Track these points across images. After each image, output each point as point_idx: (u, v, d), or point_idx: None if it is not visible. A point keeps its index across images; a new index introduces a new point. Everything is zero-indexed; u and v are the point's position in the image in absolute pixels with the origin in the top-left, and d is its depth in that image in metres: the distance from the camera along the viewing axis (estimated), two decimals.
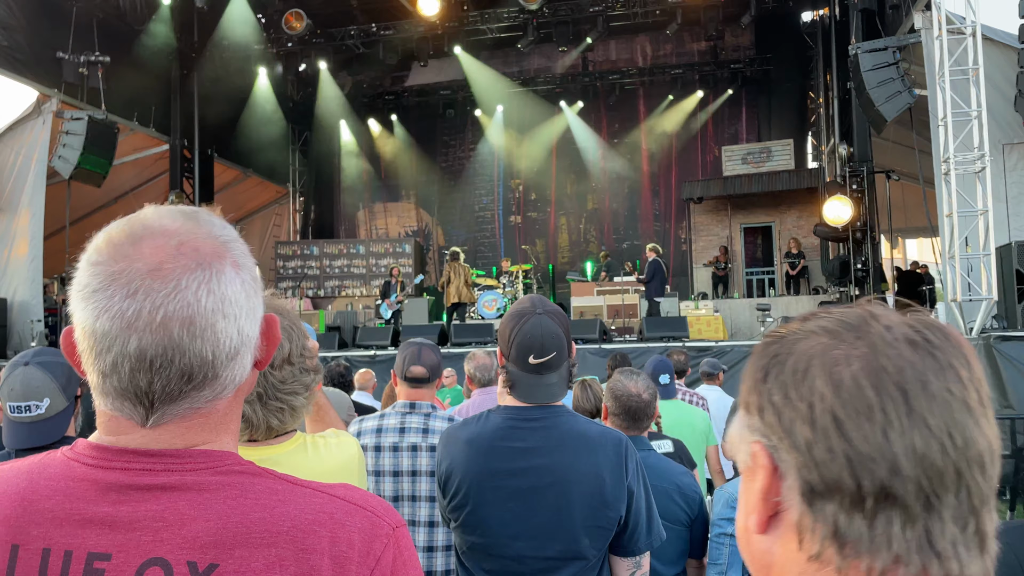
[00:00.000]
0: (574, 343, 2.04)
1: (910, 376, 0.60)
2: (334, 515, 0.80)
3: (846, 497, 0.59)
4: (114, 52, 13.25)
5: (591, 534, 1.86)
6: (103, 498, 0.78)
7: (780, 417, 0.63)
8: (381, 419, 2.76)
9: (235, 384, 0.84)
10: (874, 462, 0.58)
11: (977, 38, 9.46)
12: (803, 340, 0.65)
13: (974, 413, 0.60)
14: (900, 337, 0.62)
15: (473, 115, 20.06)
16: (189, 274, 0.79)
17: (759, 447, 0.65)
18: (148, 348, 0.77)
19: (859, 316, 0.65)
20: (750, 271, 17.43)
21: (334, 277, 19.05)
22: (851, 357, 0.61)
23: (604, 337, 11.93)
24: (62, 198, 13.15)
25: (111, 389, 0.79)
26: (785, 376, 0.64)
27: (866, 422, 0.59)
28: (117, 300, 0.77)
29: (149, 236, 0.81)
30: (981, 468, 0.60)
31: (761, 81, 18.54)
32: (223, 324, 0.80)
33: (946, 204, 9.72)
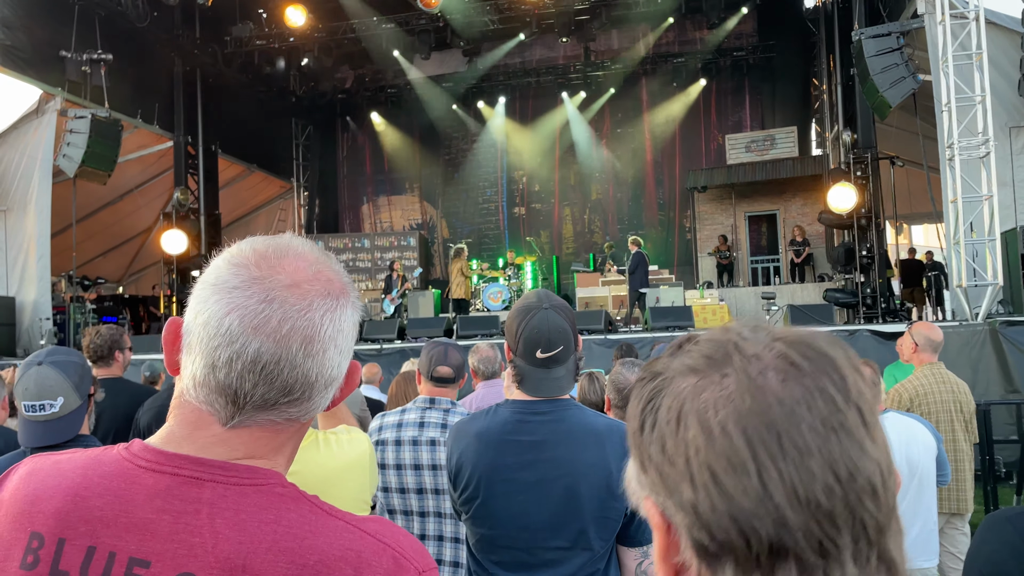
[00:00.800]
0: (580, 336, 2.06)
1: (779, 413, 0.55)
2: (361, 553, 0.81)
3: (740, 556, 0.54)
4: (117, 50, 13.27)
5: (599, 525, 1.89)
6: (149, 503, 0.80)
7: (661, 474, 0.59)
8: (402, 414, 2.81)
9: (318, 411, 0.88)
10: (758, 517, 0.54)
11: (980, 22, 9.42)
12: (673, 380, 0.60)
13: (854, 436, 0.56)
14: (766, 367, 0.57)
15: (475, 107, 20.04)
16: (320, 299, 0.85)
17: (650, 504, 0.61)
18: (265, 353, 0.81)
19: (724, 348, 0.60)
20: (755, 259, 17.42)
21: None
22: (719, 400, 0.57)
23: (609, 328, 11.95)
24: (68, 196, 13.21)
25: (214, 383, 0.82)
26: (660, 427, 0.60)
27: (742, 474, 0.54)
28: (254, 302, 0.82)
29: (292, 256, 0.87)
30: (873, 495, 0.55)
31: (764, 68, 18.46)
32: (333, 353, 0.85)
33: (950, 190, 9.70)
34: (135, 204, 17.15)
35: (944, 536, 4.30)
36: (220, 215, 17.26)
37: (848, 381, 0.57)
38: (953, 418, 4.48)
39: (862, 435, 0.56)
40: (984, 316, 9.13)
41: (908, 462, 3.34)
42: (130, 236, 18.76)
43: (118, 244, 18.62)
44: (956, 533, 4.45)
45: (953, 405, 4.50)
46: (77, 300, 13.84)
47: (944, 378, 4.54)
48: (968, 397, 4.60)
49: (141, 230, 18.71)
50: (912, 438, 3.39)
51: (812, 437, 0.54)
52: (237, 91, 17.53)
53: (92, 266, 17.46)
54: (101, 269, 17.98)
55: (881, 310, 12.34)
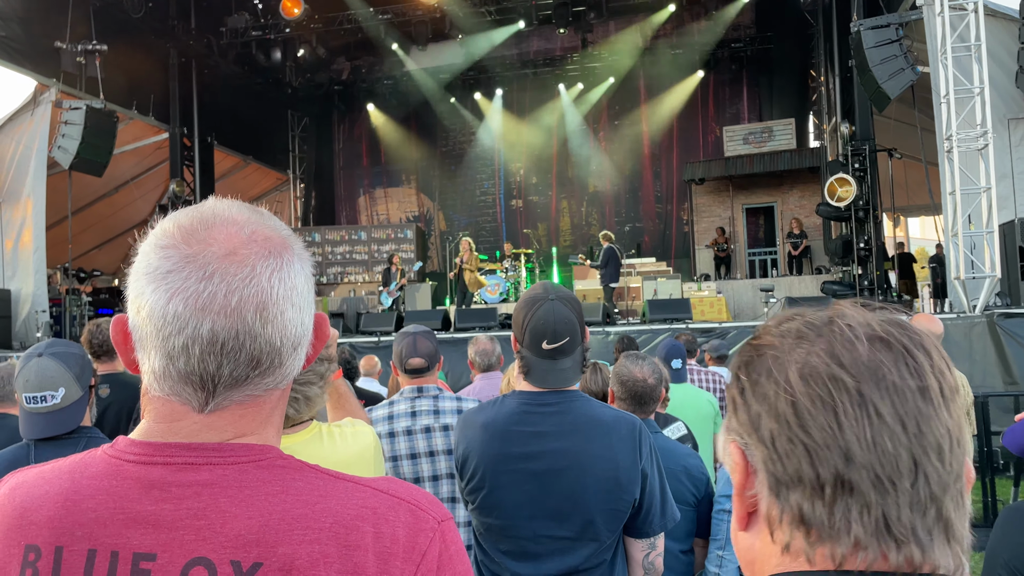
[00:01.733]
0: (587, 328, 2.06)
1: (864, 368, 0.62)
2: (377, 509, 0.79)
3: (807, 486, 0.62)
4: (112, 41, 13.19)
5: (605, 516, 1.89)
6: (146, 496, 0.77)
7: (748, 414, 0.67)
8: (391, 406, 2.82)
9: (293, 374, 0.85)
10: (829, 451, 0.61)
11: (979, 13, 9.41)
12: (773, 341, 0.68)
13: (931, 402, 0.62)
14: (860, 334, 0.65)
15: (473, 98, 19.98)
16: (263, 261, 0.80)
17: (734, 446, 0.69)
18: (221, 331, 0.77)
19: (825, 317, 0.68)
20: (752, 252, 17.42)
21: (336, 263, 19.07)
22: (811, 354, 0.64)
23: (607, 320, 11.96)
24: (63, 188, 13.15)
25: (175, 373, 0.78)
26: (753, 375, 0.68)
27: (821, 413, 0.62)
28: (192, 282, 0.77)
29: (220, 223, 0.81)
30: (939, 455, 0.61)
31: (762, 60, 18.43)
32: (291, 313, 0.81)
33: (949, 182, 9.70)
34: (131, 196, 17.09)
35: None
36: None
37: (933, 357, 0.65)
38: None
39: (938, 403, 0.62)
40: (982, 308, 9.14)
41: None
42: (126, 228, 18.68)
43: (114, 236, 18.56)
44: None
45: None
46: (73, 292, 13.79)
47: None
48: (967, 389, 4.60)
49: (137, 222, 18.61)
50: None
51: (889, 392, 0.61)
52: (233, 82, 17.45)
53: (88, 258, 17.41)
54: (97, 261, 17.92)
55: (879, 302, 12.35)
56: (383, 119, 20.46)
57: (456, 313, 12.77)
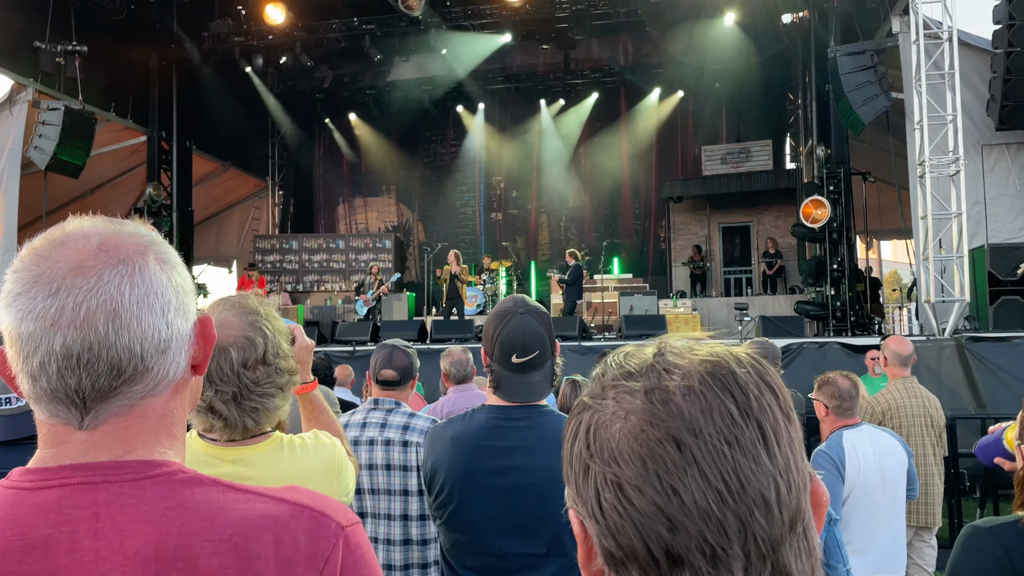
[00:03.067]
0: (557, 342, 2.06)
1: (676, 426, 0.58)
2: (278, 518, 0.79)
3: (641, 563, 0.58)
4: (92, 42, 13.06)
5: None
6: (43, 520, 0.76)
7: (576, 485, 0.63)
8: (350, 415, 2.83)
9: (168, 380, 0.82)
10: (653, 522, 0.57)
11: (953, 43, 9.61)
12: (595, 399, 0.64)
13: (748, 451, 0.58)
14: (672, 384, 0.61)
15: (455, 111, 20.02)
16: (111, 269, 0.79)
17: (573, 515, 0.65)
18: (74, 345, 0.77)
19: (645, 362, 0.64)
20: (728, 270, 17.58)
21: (313, 272, 18.96)
22: (628, 413, 0.60)
23: (584, 335, 11.99)
24: (38, 189, 12.97)
25: (42, 393, 0.78)
26: (578, 442, 0.63)
27: (642, 481, 0.58)
28: (40, 300, 0.77)
29: (71, 240, 0.81)
30: (765, 508, 0.57)
31: (741, 82, 18.64)
32: (149, 316, 0.80)
33: (920, 206, 9.86)
34: (106, 199, 16.88)
35: (912, 549, 4.36)
36: (193, 212, 17.05)
37: (751, 398, 0.60)
38: (924, 432, 4.54)
39: (758, 450, 0.59)
40: (951, 331, 9.28)
41: (881, 475, 3.38)
42: None
43: None
44: (924, 546, 4.51)
45: (924, 419, 4.56)
46: None
47: (916, 392, 4.60)
48: (939, 411, 4.66)
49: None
50: (885, 451, 3.43)
51: (705, 450, 0.58)
52: (214, 88, 17.35)
53: None
54: None
55: (851, 323, 12.51)
56: (364, 128, 20.42)
57: (433, 324, 12.73)
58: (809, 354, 9.46)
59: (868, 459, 3.37)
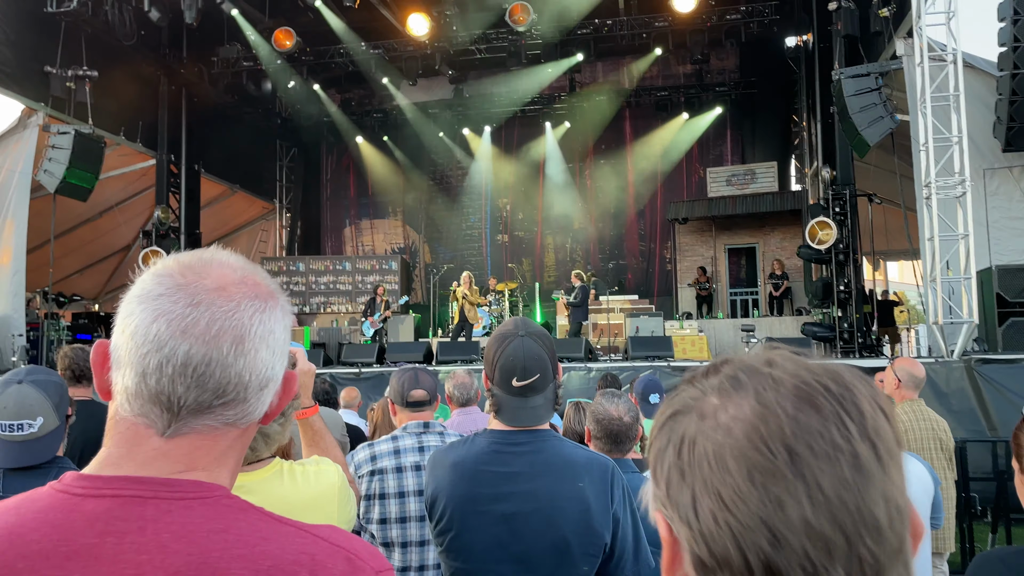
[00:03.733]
0: (560, 364, 2.03)
1: (790, 439, 0.56)
2: (316, 556, 0.80)
3: (735, 572, 0.56)
4: (102, 67, 13.23)
5: (576, 560, 1.84)
6: (89, 529, 0.77)
7: (670, 488, 0.61)
8: (394, 441, 2.72)
9: (253, 417, 0.87)
10: (754, 534, 0.54)
11: (958, 65, 9.62)
12: (696, 399, 0.62)
13: (864, 470, 0.56)
14: (788, 392, 0.58)
15: (461, 134, 20.14)
16: (249, 301, 0.85)
17: (660, 518, 0.63)
18: (195, 356, 0.81)
19: (752, 369, 0.61)
20: (734, 291, 17.54)
21: (320, 293, 18.99)
22: (736, 420, 0.58)
23: (590, 356, 11.95)
24: (47, 212, 13.07)
25: (145, 391, 0.81)
26: (674, 442, 0.61)
27: (746, 491, 0.55)
28: (180, 306, 0.82)
29: (217, 264, 0.87)
30: (876, 532, 0.55)
31: (745, 104, 18.74)
32: (265, 353, 0.85)
33: (927, 228, 9.83)
34: (115, 221, 16.99)
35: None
36: (201, 235, 17.13)
37: (866, 416, 0.58)
38: (934, 455, 4.49)
39: (873, 470, 0.56)
40: (960, 353, 9.21)
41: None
42: (109, 253, 18.57)
43: (96, 261, 18.42)
44: (936, 572, 4.44)
45: (934, 443, 4.51)
46: (52, 317, 13.63)
47: (924, 415, 4.55)
48: (948, 435, 4.60)
49: (120, 248, 18.53)
50: (912, 478, 3.35)
51: (820, 465, 0.55)
52: (222, 111, 17.51)
53: (68, 283, 17.23)
54: (77, 286, 17.75)
55: (858, 345, 12.43)
56: (371, 151, 20.55)
57: (439, 345, 12.72)
58: None
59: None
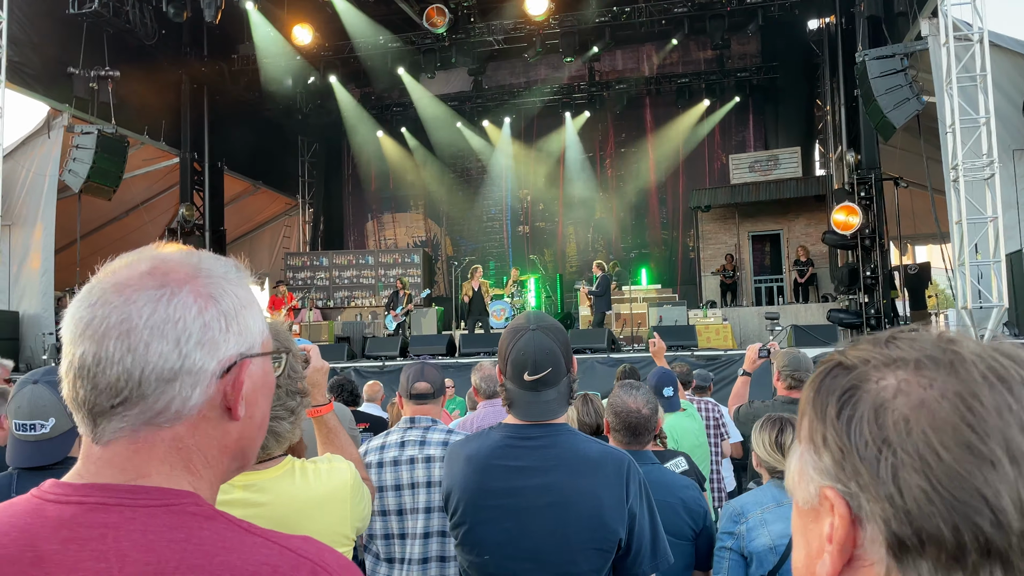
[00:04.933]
0: (575, 358, 2.01)
1: (1009, 417, 0.54)
2: (278, 567, 0.78)
3: (943, 552, 0.54)
4: (124, 67, 13.36)
5: (588, 556, 1.84)
6: (55, 535, 0.77)
7: (863, 462, 0.58)
8: (386, 436, 2.80)
9: (174, 412, 0.81)
10: (978, 513, 0.53)
11: (984, 45, 9.43)
12: (879, 373, 0.60)
13: None
14: (988, 371, 0.57)
15: (481, 126, 20.12)
16: (143, 292, 0.80)
17: (834, 494, 0.60)
18: (88, 356, 0.79)
19: (938, 346, 0.59)
20: (758, 279, 17.37)
21: (343, 288, 19.12)
22: (944, 395, 0.56)
23: (613, 347, 11.91)
24: (73, 212, 13.26)
25: (68, 398, 0.81)
26: (866, 415, 0.58)
27: (968, 468, 0.54)
28: (83, 308, 0.81)
29: (133, 261, 0.84)
30: None
31: (768, 89, 18.51)
32: (159, 344, 0.79)
33: (955, 211, 9.67)
34: (140, 220, 17.20)
35: None
36: (225, 231, 17.31)
37: None
38: None
39: None
40: (989, 337, 9.02)
41: None
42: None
43: None
44: None
45: None
46: None
47: None
48: None
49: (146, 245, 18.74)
50: None
51: None
52: (244, 108, 17.63)
53: None
54: None
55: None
56: (392, 145, 20.60)
57: (461, 338, 12.75)
58: None
59: None
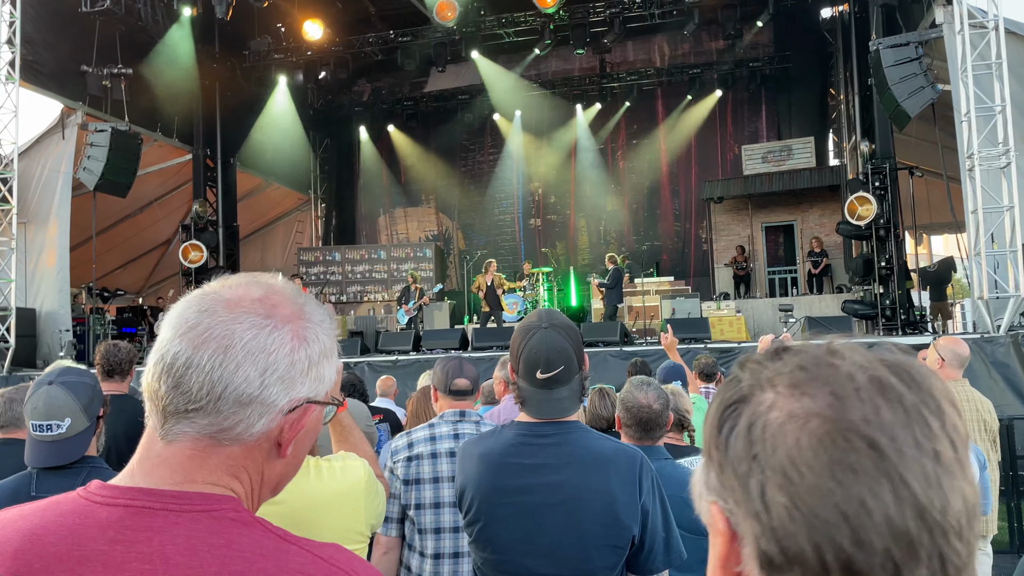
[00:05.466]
0: (586, 354, 2.01)
1: (878, 430, 0.53)
2: (311, 575, 0.81)
3: (807, 571, 0.53)
4: (136, 64, 13.44)
5: (603, 553, 1.84)
6: (102, 535, 0.80)
7: (736, 478, 0.57)
8: (431, 428, 2.77)
9: (237, 435, 0.85)
10: (838, 531, 0.52)
11: (1000, 32, 9.32)
12: (762, 388, 0.59)
13: (948, 467, 0.53)
14: (866, 383, 0.55)
15: (492, 119, 20.10)
16: (252, 316, 0.85)
17: (716, 510, 0.60)
18: (180, 357, 0.83)
19: (821, 360, 0.58)
20: (772, 270, 17.28)
21: (356, 282, 19.18)
22: (813, 410, 0.55)
23: (625, 340, 11.89)
24: (88, 209, 13.37)
25: (147, 389, 0.86)
26: (740, 431, 0.58)
27: (827, 488, 0.52)
28: (191, 312, 0.85)
29: (249, 283, 0.89)
30: (959, 533, 0.53)
31: (780, 79, 18.37)
32: (248, 368, 0.84)
33: (971, 200, 9.58)
34: (154, 216, 17.33)
35: None
36: (238, 227, 17.39)
37: (945, 413, 0.56)
38: (978, 437, 4.38)
39: (954, 469, 0.54)
40: (1006, 328, 8.98)
41: None
42: (150, 248, 18.95)
43: (138, 256, 18.81)
44: (979, 555, 4.35)
45: (977, 424, 4.40)
46: (97, 311, 13.97)
47: (968, 396, 4.44)
48: (992, 416, 4.49)
49: (161, 242, 18.89)
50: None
51: (905, 463, 0.52)
52: (255, 104, 17.69)
53: (112, 278, 17.64)
54: (121, 281, 18.16)
55: (901, 322, 12.19)
56: (403, 139, 20.62)
57: (474, 332, 12.77)
58: None
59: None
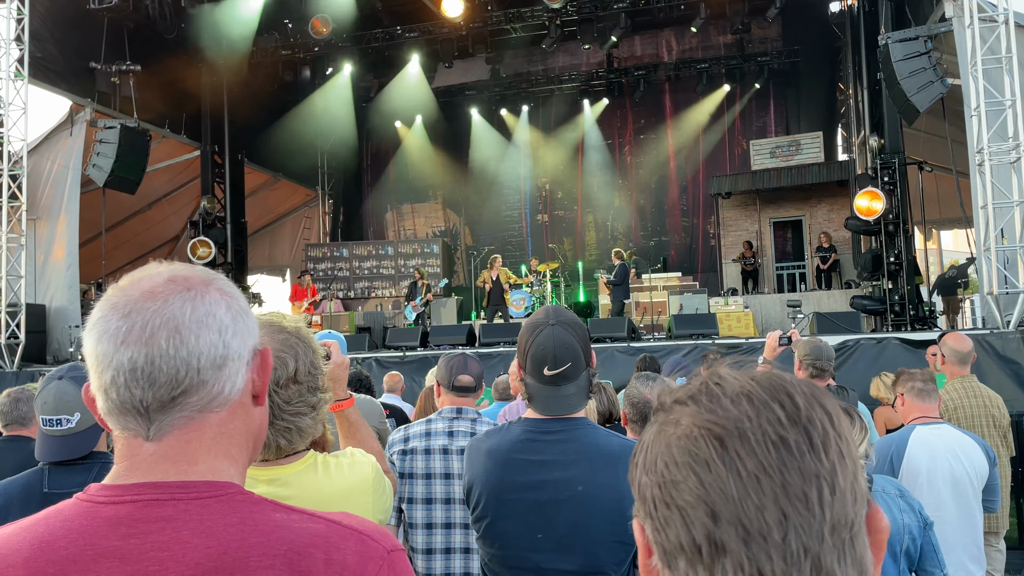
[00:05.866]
0: (593, 351, 2.02)
1: (727, 424, 0.62)
2: (329, 538, 0.86)
3: (688, 552, 0.61)
4: (145, 61, 13.47)
5: (610, 548, 1.85)
6: (113, 532, 0.82)
7: (637, 488, 0.67)
8: (428, 424, 2.80)
9: (224, 397, 0.90)
10: (696, 511, 0.61)
11: (1010, 26, 9.26)
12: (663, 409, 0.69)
13: (793, 450, 0.61)
14: (727, 392, 0.65)
15: (499, 114, 20.07)
16: (176, 294, 0.89)
17: (636, 524, 0.68)
18: (138, 358, 0.86)
19: (701, 380, 0.68)
20: (780, 266, 17.23)
21: (364, 278, 19.22)
22: (681, 418, 0.65)
23: (633, 335, 11.88)
24: (97, 205, 13.43)
25: (113, 405, 0.87)
26: (638, 454, 0.69)
27: (689, 474, 0.62)
28: (113, 321, 0.87)
29: (146, 275, 0.93)
30: (805, 506, 0.60)
31: (789, 73, 18.29)
32: (207, 334, 0.88)
33: (980, 195, 9.52)
34: (163, 213, 17.39)
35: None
36: (246, 223, 17.43)
37: (800, 408, 0.64)
38: (987, 432, 4.37)
39: (802, 451, 0.62)
40: (1016, 324, 8.94)
41: (953, 478, 3.21)
42: (159, 244, 19.02)
43: (147, 252, 18.87)
44: (992, 551, 4.33)
45: (986, 419, 4.39)
46: None
47: (976, 391, 4.43)
48: (1002, 410, 4.48)
49: (170, 238, 18.97)
50: (962, 455, 3.25)
51: (747, 448, 0.61)
52: (263, 101, 17.71)
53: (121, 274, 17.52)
54: None
55: (910, 317, 12.13)
56: (410, 135, 20.62)
57: (481, 328, 12.78)
58: (866, 350, 9.20)
59: (939, 460, 3.18)
